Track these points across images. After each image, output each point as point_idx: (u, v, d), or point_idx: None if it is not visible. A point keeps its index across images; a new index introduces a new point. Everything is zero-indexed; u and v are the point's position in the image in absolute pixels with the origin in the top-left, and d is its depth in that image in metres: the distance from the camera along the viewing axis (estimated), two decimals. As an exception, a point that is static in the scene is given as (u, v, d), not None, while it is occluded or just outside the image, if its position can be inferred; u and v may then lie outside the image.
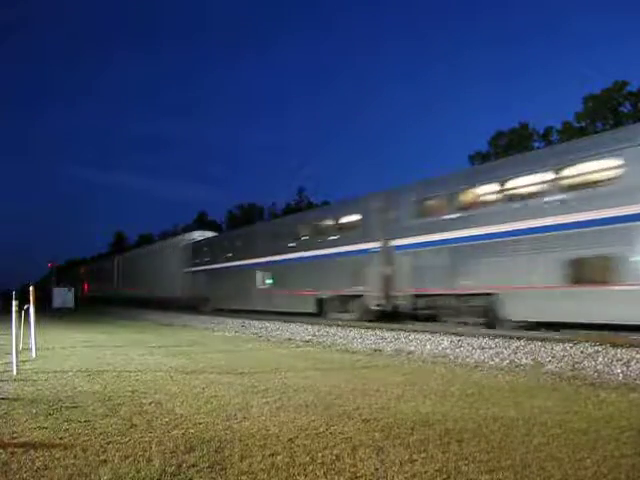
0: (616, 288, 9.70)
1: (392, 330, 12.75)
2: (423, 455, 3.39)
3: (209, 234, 30.53)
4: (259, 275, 21.61)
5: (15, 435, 3.96)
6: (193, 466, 3.22)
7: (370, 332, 12.52)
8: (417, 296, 14.20)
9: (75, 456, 3.43)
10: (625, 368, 6.76)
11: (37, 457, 3.41)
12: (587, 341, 9.14)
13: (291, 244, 19.84)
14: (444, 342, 10.11)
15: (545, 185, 11.27)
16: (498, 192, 12.35)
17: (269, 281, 21.09)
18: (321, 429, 4.04)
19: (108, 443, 3.71)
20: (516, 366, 7.37)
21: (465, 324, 12.89)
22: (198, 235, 30.45)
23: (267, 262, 21.14)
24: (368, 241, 15.99)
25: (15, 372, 6.82)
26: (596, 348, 8.39)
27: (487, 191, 12.73)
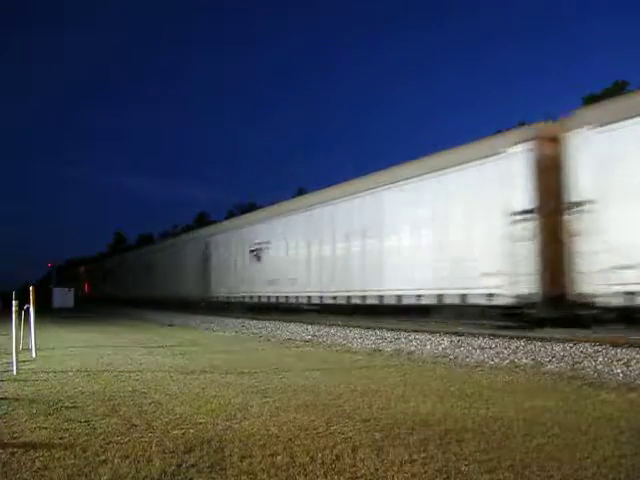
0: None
1: (392, 330, 12.76)
2: (423, 455, 3.38)
3: None
4: None
5: (15, 435, 3.96)
6: (193, 466, 3.21)
7: (370, 332, 12.53)
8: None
9: (75, 456, 3.43)
10: (625, 368, 6.76)
11: (37, 457, 3.41)
12: (587, 341, 9.14)
13: None
14: (444, 342, 10.12)
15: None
16: None
17: None
18: (321, 429, 4.04)
19: (108, 443, 3.71)
20: (516, 366, 7.37)
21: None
22: None
23: None
24: None
25: (15, 372, 6.83)
26: (596, 348, 8.39)
27: None
